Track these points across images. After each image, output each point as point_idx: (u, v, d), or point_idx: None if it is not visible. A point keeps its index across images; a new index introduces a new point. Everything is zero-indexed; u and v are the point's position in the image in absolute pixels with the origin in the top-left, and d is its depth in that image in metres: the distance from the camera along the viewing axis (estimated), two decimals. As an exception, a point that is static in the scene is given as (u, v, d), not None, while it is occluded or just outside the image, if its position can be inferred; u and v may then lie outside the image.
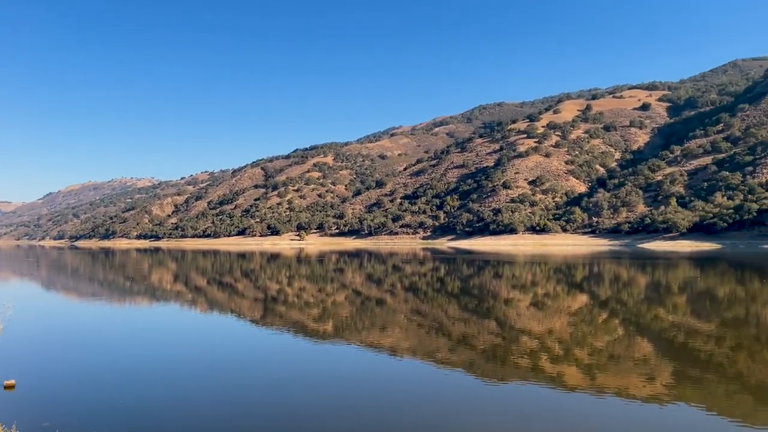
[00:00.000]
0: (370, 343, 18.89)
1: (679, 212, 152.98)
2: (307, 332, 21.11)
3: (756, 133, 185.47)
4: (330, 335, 20.51)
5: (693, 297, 32.11)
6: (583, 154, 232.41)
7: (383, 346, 18.35)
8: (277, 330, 21.65)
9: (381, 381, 14.50)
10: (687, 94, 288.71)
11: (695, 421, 11.19)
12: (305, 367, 15.93)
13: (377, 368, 15.75)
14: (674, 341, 18.93)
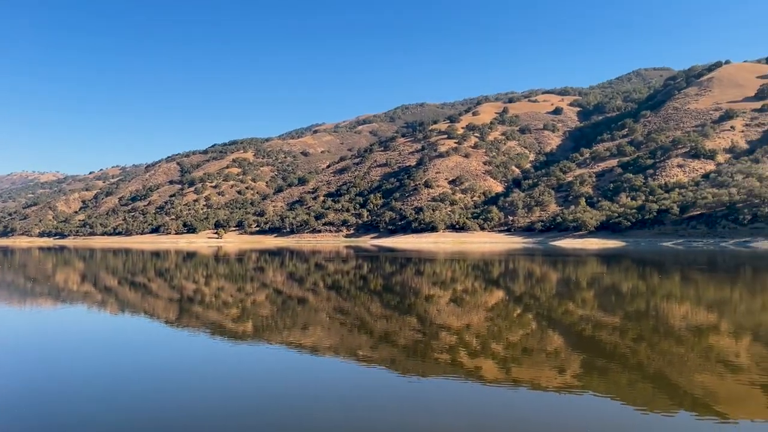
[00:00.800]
0: (291, 342, 18.63)
1: (588, 212, 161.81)
2: (224, 333, 20.52)
3: (656, 138, 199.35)
4: (249, 335, 20.04)
5: (599, 292, 34.04)
6: (500, 155, 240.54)
7: (304, 345, 18.15)
8: (192, 331, 20.89)
9: (301, 380, 14.32)
10: (596, 100, 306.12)
11: (601, 409, 11.83)
12: (221, 369, 15.47)
13: (297, 367, 15.56)
14: (583, 334, 19.97)
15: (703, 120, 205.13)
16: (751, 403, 12.04)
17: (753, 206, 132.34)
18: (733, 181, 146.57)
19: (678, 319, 23.30)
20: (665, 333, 19.89)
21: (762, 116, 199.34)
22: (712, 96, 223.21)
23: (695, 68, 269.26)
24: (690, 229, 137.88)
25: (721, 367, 14.92)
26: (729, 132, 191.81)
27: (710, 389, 13.04)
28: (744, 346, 17.83)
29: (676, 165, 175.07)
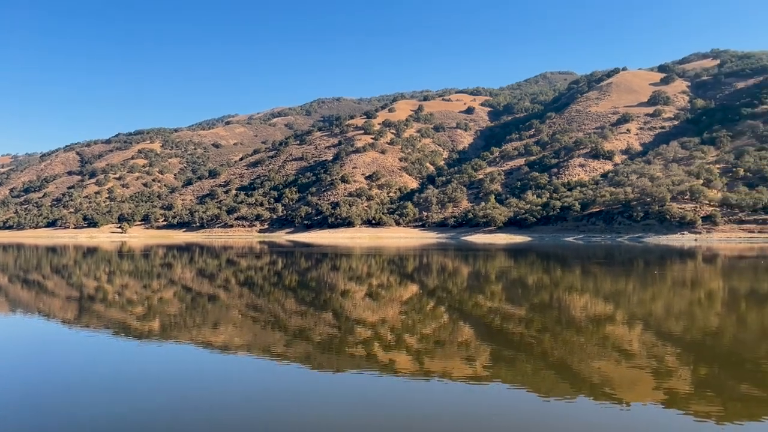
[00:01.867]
0: (201, 340, 18.00)
1: (497, 208, 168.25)
2: (129, 332, 19.48)
3: (560, 139, 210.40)
4: (156, 334, 19.15)
5: (507, 285, 35.50)
6: (415, 152, 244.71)
7: (215, 343, 17.60)
8: (93, 330, 19.67)
9: (209, 378, 13.87)
10: (505, 101, 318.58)
11: (508, 397, 12.33)
12: (124, 370, 14.67)
13: (206, 366, 15.05)
14: (491, 325, 20.73)
15: (602, 123, 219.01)
16: (642, 387, 12.99)
17: (645, 204, 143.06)
18: (628, 181, 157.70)
19: (578, 310, 24.73)
20: (567, 323, 21.05)
21: (654, 120, 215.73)
22: (611, 100, 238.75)
23: (596, 74, 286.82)
24: (590, 225, 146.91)
25: (616, 354, 15.98)
26: (625, 134, 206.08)
27: (607, 375, 13.94)
28: (636, 334, 19.21)
29: (578, 165, 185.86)
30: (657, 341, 17.92)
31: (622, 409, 11.45)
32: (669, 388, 12.68)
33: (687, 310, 24.80)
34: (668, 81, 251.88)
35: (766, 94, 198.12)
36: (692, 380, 13.37)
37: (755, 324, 21.27)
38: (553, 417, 11.09)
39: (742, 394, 12.21)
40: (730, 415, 10.90)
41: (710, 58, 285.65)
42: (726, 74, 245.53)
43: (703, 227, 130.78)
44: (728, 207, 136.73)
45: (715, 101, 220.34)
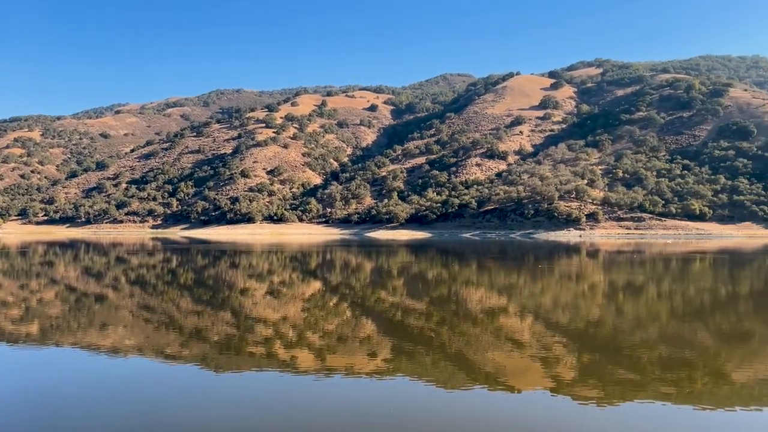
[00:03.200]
0: (86, 343, 16.79)
1: (399, 205, 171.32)
2: (3, 337, 17.76)
3: (459, 139, 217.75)
4: (35, 338, 17.61)
5: (408, 279, 36.24)
6: (318, 147, 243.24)
7: (102, 346, 16.48)
8: (-41, 337, 17.74)
9: (98, 384, 12.96)
10: (407, 100, 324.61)
11: (409, 390, 12.57)
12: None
13: (94, 371, 14.06)
14: (393, 320, 21.06)
15: (497, 124, 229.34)
16: (532, 375, 13.75)
17: (535, 202, 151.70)
18: (520, 180, 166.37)
19: (475, 303, 25.76)
20: (464, 316, 21.84)
21: (544, 123, 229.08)
22: (506, 103, 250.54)
23: (492, 77, 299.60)
24: (486, 222, 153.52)
25: (509, 345, 16.80)
26: (518, 136, 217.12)
27: (500, 364, 14.62)
28: (527, 325, 20.31)
29: (475, 164, 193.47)
30: (545, 331, 19.06)
31: (513, 396, 12.05)
32: (556, 375, 13.52)
33: (572, 301, 26.59)
34: (557, 87, 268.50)
35: (641, 102, 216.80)
36: (576, 367, 14.34)
37: (631, 314, 23.20)
38: (450, 406, 11.45)
39: (620, 379, 13.27)
40: (609, 398, 11.81)
41: (594, 66, 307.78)
42: (608, 82, 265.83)
43: (586, 224, 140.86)
44: (609, 205, 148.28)
45: (598, 107, 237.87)
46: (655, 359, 14.97)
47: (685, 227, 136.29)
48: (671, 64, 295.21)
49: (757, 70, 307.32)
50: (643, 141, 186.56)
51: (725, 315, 22.58)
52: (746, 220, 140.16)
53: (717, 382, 13.06)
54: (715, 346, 16.75)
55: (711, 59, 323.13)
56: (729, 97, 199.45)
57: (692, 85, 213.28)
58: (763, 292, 30.55)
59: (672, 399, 11.66)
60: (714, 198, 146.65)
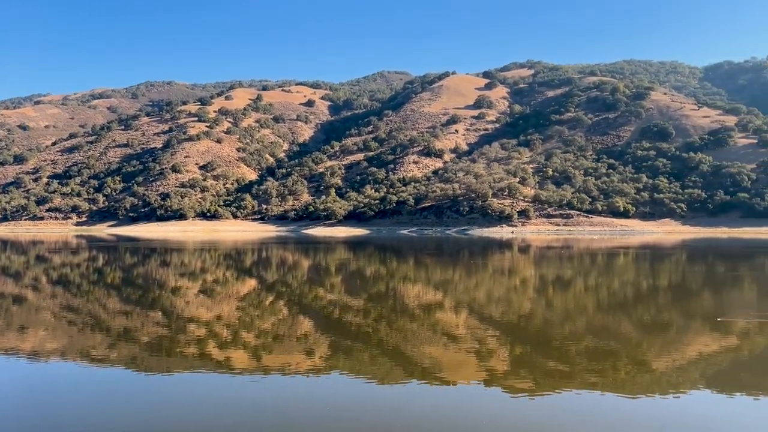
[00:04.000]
0: (3, 348, 15.76)
1: (337, 202, 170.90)
2: None
3: (397, 136, 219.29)
4: (-57, 344, 16.36)
5: (346, 276, 36.20)
6: (254, 142, 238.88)
7: (21, 350, 15.52)
8: None
9: (15, 390, 12.20)
10: (345, 96, 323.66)
11: (346, 386, 12.55)
12: None
13: (11, 375, 13.22)
14: (331, 317, 20.97)
15: (434, 122, 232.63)
16: (467, 368, 14.03)
17: (470, 199, 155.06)
18: (456, 178, 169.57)
19: (412, 298, 26.04)
20: (401, 311, 22.03)
21: (478, 123, 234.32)
22: (442, 102, 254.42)
23: (429, 75, 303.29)
24: (422, 218, 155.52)
25: (445, 339, 17.08)
26: (454, 135, 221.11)
27: (436, 358, 14.84)
28: (462, 319, 20.72)
29: (413, 161, 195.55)
30: (480, 325, 19.51)
31: (448, 389, 12.26)
32: (489, 368, 13.86)
33: (505, 296, 27.36)
34: (491, 87, 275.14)
35: (570, 103, 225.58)
36: (509, 359, 14.76)
37: (560, 307, 24.11)
38: (386, 402, 11.51)
39: (550, 370, 13.76)
40: (540, 389, 12.22)
41: (526, 68, 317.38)
42: (539, 83, 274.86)
43: (519, 221, 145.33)
44: (539, 203, 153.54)
45: (530, 107, 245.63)
46: (583, 350, 15.62)
47: (610, 224, 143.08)
48: (598, 67, 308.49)
49: (676, 75, 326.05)
50: (572, 141, 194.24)
51: (646, 307, 23.86)
52: (665, 217, 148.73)
53: (638, 370, 13.77)
54: (637, 337, 17.66)
55: (634, 63, 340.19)
56: (650, 100, 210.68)
57: (617, 87, 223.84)
58: (680, 285, 32.50)
59: (598, 387, 12.20)
60: (637, 196, 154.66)
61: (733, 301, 25.07)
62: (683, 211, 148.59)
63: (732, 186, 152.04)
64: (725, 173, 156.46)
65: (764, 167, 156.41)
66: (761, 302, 24.56)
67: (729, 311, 21.83)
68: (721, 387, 12.46)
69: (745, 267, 42.90)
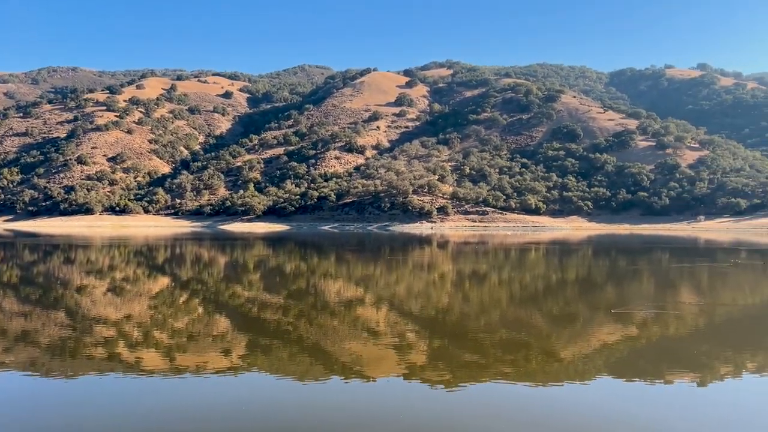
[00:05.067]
0: None
1: (256, 197, 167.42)
2: None
3: (318, 131, 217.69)
4: None
5: (265, 273, 35.57)
6: (167, 134, 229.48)
7: None
8: None
9: None
10: (265, 89, 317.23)
11: (263, 385, 12.33)
12: None
13: None
14: (249, 315, 20.53)
15: (355, 118, 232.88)
16: (387, 363, 14.18)
17: (391, 196, 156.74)
18: (377, 174, 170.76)
19: (333, 294, 25.97)
20: (322, 308, 21.92)
21: (399, 120, 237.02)
22: (363, 98, 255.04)
23: (350, 71, 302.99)
24: (344, 214, 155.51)
25: (365, 334, 17.17)
26: (375, 131, 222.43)
27: (357, 354, 14.88)
28: (383, 314, 20.91)
29: (334, 157, 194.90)
30: (399, 320, 19.78)
31: (369, 385, 12.34)
32: (409, 362, 14.08)
33: (424, 290, 27.89)
34: (412, 85, 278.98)
35: (487, 104, 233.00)
36: (428, 353, 15.06)
37: (476, 300, 24.89)
38: (305, 399, 11.41)
39: (466, 362, 14.17)
40: (457, 381, 12.55)
41: (446, 67, 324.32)
42: (457, 83, 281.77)
43: (437, 217, 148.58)
44: (457, 200, 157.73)
45: (449, 106, 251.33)
46: (497, 342, 16.21)
47: (523, 220, 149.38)
48: (513, 70, 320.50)
49: (584, 80, 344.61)
50: (488, 140, 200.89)
51: (555, 300, 25.10)
52: (573, 214, 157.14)
53: (548, 360, 14.46)
54: (547, 328, 18.55)
55: (546, 67, 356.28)
56: (561, 103, 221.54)
57: (530, 90, 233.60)
58: (586, 278, 34.44)
59: (511, 378, 12.69)
60: (547, 194, 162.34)
61: (632, 294, 26.87)
62: (589, 209, 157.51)
63: (633, 185, 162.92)
64: (627, 173, 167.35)
65: (661, 168, 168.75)
66: (657, 294, 26.48)
67: (627, 303, 23.38)
68: (621, 374, 13.33)
69: (643, 261, 46.12)
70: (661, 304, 22.62)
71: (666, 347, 15.86)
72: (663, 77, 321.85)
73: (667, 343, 16.37)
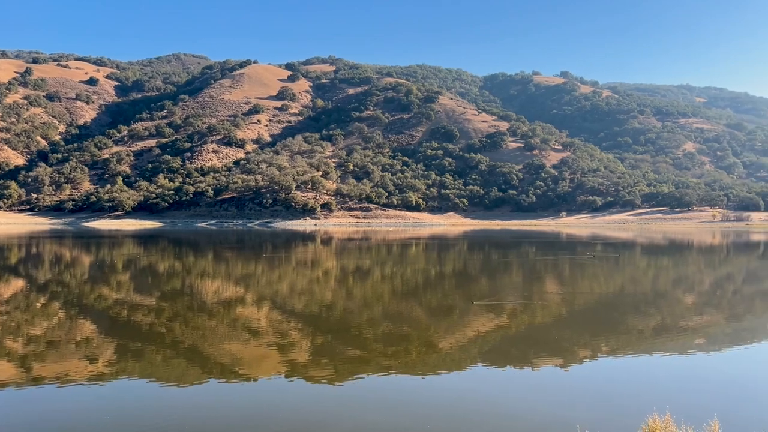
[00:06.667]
0: None
1: (125, 191, 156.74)
2: None
3: (194, 123, 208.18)
4: None
5: (136, 273, 33.39)
6: (21, 122, 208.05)
7: None
8: None
9: None
10: (135, 77, 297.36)
11: (136, 391, 11.56)
12: None
13: None
14: (118, 318, 19.15)
15: (235, 111, 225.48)
16: (269, 362, 13.89)
17: (274, 192, 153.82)
18: (258, 169, 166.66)
19: (211, 294, 24.98)
20: (199, 309, 21.00)
21: (282, 114, 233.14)
22: (243, 90, 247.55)
23: (229, 62, 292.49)
24: (223, 210, 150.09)
25: (246, 334, 16.70)
26: (256, 125, 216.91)
27: (237, 355, 14.43)
28: (264, 313, 20.46)
29: (212, 150, 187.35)
30: (282, 318, 19.48)
31: (248, 385, 12.01)
32: (291, 360, 13.90)
33: (307, 287, 27.70)
34: (294, 79, 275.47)
35: (369, 102, 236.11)
36: (311, 350, 14.97)
37: (359, 295, 25.16)
38: (179, 403, 10.87)
39: (349, 357, 14.27)
40: (339, 376, 12.59)
41: (329, 63, 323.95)
42: (341, 80, 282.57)
43: (321, 213, 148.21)
44: (341, 196, 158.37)
45: (332, 103, 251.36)
46: (379, 335, 16.50)
47: (405, 217, 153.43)
48: (394, 69, 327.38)
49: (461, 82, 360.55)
50: (371, 138, 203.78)
51: (434, 292, 26.06)
52: (451, 211, 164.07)
53: (427, 351, 14.98)
54: (427, 320, 19.20)
55: (426, 68, 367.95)
56: (439, 104, 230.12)
57: (411, 90, 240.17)
58: (462, 272, 36.13)
59: (392, 370, 12.97)
60: (427, 191, 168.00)
61: (503, 285, 28.61)
62: (465, 206, 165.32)
63: (504, 184, 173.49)
64: (499, 173, 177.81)
65: (529, 168, 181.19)
66: (525, 285, 28.41)
67: (498, 294, 24.87)
68: (494, 361, 14.13)
69: (513, 255, 49.28)
70: (528, 295, 24.31)
71: (532, 335, 17.07)
72: (531, 83, 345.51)
73: (534, 331, 17.63)
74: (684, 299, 24.59)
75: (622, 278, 32.65)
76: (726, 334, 17.30)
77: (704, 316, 20.37)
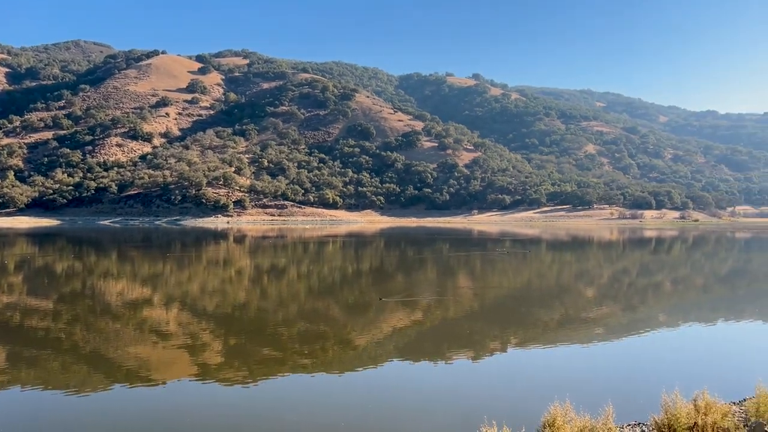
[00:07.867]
0: None
1: (18, 187, 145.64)
2: None
3: (96, 115, 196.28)
4: None
5: (30, 275, 31.03)
6: None
7: None
8: None
9: None
10: (29, 63, 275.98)
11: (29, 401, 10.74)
12: None
13: None
14: (9, 323, 17.70)
15: (141, 103, 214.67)
16: (179, 365, 13.34)
17: (183, 188, 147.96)
18: (167, 164, 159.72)
19: (114, 296, 23.64)
20: (102, 311, 19.83)
21: (192, 108, 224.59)
22: (150, 82, 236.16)
23: (135, 52, 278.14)
24: (128, 207, 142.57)
25: (154, 337, 15.95)
26: (164, 118, 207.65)
27: (143, 359, 13.75)
28: (173, 314, 19.63)
29: (116, 144, 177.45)
30: (192, 319, 18.77)
31: (155, 390, 11.48)
32: (203, 362, 13.43)
33: (219, 287, 26.87)
34: (205, 72, 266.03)
35: (285, 97, 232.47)
36: (223, 351, 14.53)
37: (274, 294, 24.74)
38: (79, 412, 10.20)
39: (264, 357, 13.99)
40: (253, 377, 12.31)
41: (242, 57, 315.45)
42: (254, 74, 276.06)
43: (234, 211, 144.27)
44: (255, 193, 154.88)
45: (245, 97, 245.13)
46: (295, 335, 16.30)
47: (321, 214, 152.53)
48: (310, 65, 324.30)
49: (377, 81, 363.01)
50: (286, 134, 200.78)
51: (351, 290, 26.11)
52: (368, 208, 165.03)
53: (344, 348, 14.98)
54: (343, 318, 19.20)
55: (342, 65, 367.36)
56: (356, 102, 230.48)
57: (327, 87, 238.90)
58: (379, 269, 36.44)
59: (308, 369, 12.86)
60: (344, 189, 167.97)
61: (418, 281, 29.14)
62: (382, 203, 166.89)
63: (419, 182, 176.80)
64: (414, 171, 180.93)
65: (442, 167, 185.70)
66: (439, 281, 29.10)
67: (413, 290, 25.32)
68: (408, 356, 14.36)
69: (427, 251, 50.32)
70: (442, 290, 24.92)
71: (446, 329, 17.51)
72: (444, 83, 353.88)
73: (447, 325, 18.09)
74: (585, 292, 26.15)
75: (530, 273, 34.23)
76: (622, 325, 18.57)
77: (603, 308, 21.77)
